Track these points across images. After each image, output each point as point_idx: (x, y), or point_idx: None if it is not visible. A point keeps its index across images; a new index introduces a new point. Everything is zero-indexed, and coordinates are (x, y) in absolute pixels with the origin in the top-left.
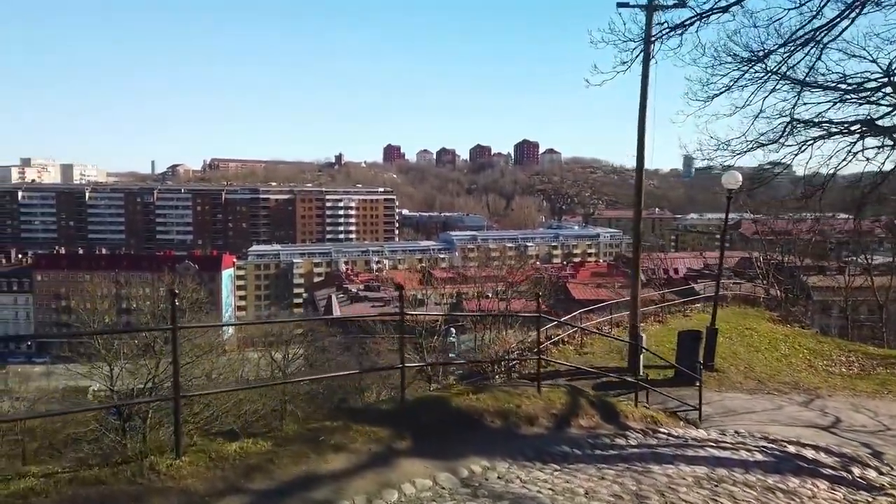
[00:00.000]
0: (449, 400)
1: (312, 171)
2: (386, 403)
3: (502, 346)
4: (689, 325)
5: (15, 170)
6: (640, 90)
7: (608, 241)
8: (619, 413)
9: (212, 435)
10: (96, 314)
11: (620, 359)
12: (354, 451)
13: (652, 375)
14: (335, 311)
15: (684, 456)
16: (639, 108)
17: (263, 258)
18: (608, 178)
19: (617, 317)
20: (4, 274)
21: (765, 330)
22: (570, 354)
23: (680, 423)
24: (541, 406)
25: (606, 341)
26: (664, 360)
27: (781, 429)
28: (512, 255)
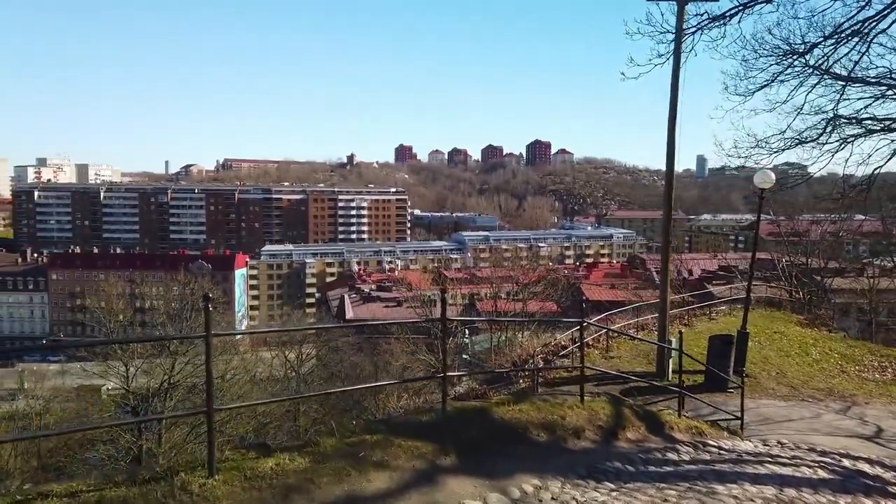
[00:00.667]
0: (490, 411)
1: (324, 171)
2: (425, 415)
3: (525, 349)
4: (715, 329)
5: (31, 169)
6: (671, 86)
7: (621, 242)
8: (664, 424)
9: (243, 449)
10: (111, 314)
11: (647, 363)
12: (397, 468)
13: (684, 380)
14: (348, 311)
15: (745, 474)
16: (669, 105)
17: (276, 258)
18: (621, 178)
19: (641, 320)
20: (20, 273)
21: (793, 334)
22: (595, 358)
23: (724, 433)
24: (585, 417)
25: (633, 345)
26: (696, 363)
27: (825, 439)
28: (524, 256)
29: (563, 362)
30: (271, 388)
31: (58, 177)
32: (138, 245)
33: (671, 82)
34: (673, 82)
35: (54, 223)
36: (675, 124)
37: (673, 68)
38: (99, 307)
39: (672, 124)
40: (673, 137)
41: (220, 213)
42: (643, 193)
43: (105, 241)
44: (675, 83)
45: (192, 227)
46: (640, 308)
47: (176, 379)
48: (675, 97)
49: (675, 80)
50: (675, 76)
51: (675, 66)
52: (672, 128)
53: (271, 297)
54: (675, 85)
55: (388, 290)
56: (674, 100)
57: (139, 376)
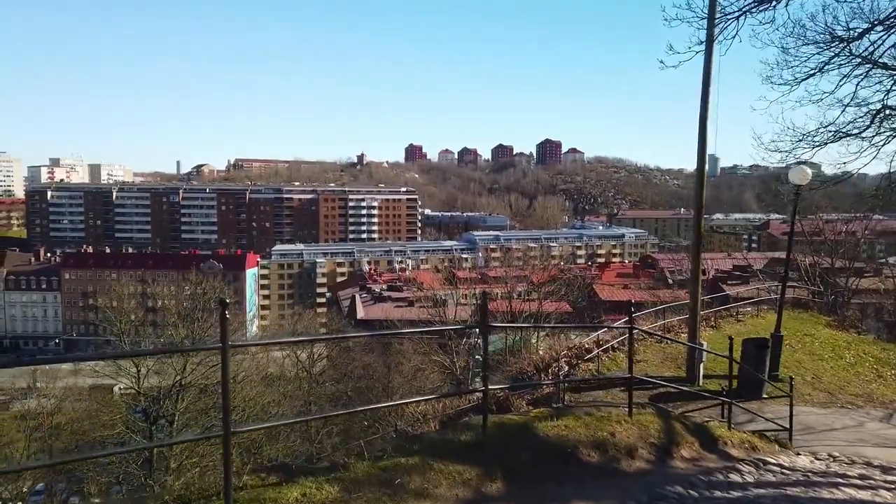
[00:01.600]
0: (534, 427)
1: (335, 170)
2: (463, 433)
3: (548, 352)
4: (743, 331)
5: (44, 170)
6: (703, 76)
7: (633, 242)
8: (717, 439)
9: (263, 472)
10: (123, 314)
11: (676, 367)
12: (439, 497)
13: (712, 386)
14: (359, 311)
15: (823, 500)
16: (700, 97)
17: (287, 258)
18: (632, 178)
19: (668, 321)
20: (33, 272)
21: (824, 336)
22: (621, 362)
23: (774, 446)
24: (636, 433)
25: (659, 348)
26: (727, 366)
27: (878, 452)
28: (536, 256)
29: (588, 366)
30: (283, 388)
31: (70, 177)
32: (150, 245)
33: (703, 72)
34: (705, 76)
35: (67, 223)
36: (706, 118)
37: (705, 59)
38: (110, 307)
39: (703, 117)
40: (704, 131)
41: (232, 213)
42: (654, 193)
43: (117, 240)
44: (708, 73)
45: (204, 227)
46: (664, 309)
47: (188, 379)
48: (707, 90)
49: (707, 70)
50: (706, 68)
51: (707, 55)
52: (703, 121)
53: (282, 296)
54: (706, 79)
55: (399, 289)
56: (705, 91)
57: (150, 376)
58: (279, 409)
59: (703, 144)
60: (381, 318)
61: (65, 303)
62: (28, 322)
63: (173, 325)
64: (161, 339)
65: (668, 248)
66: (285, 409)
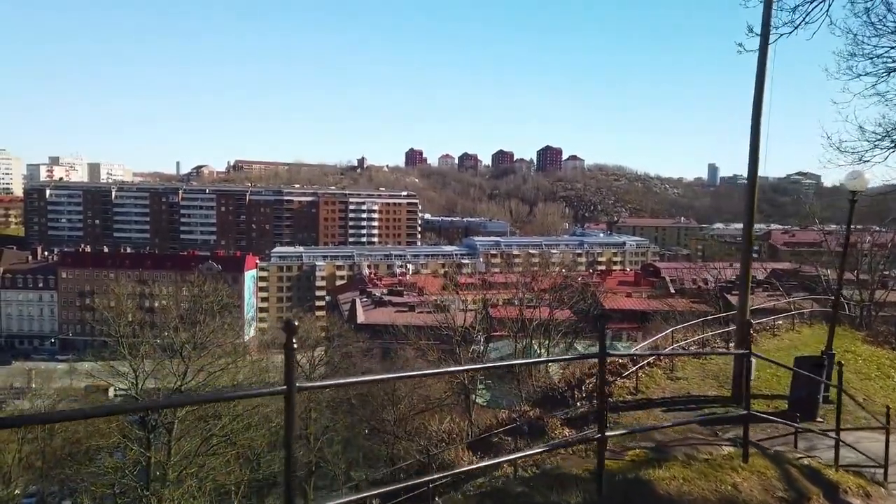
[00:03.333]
0: (648, 481)
1: (335, 173)
2: (573, 494)
3: (581, 367)
4: (782, 346)
5: (44, 168)
6: (756, 71)
7: (634, 250)
8: (836, 486)
9: None
10: (120, 315)
11: (719, 385)
12: None
13: (759, 407)
14: (359, 315)
15: None
16: (753, 93)
17: (286, 260)
18: (632, 185)
19: (691, 334)
20: (30, 271)
21: (866, 353)
22: (660, 379)
23: (880, 489)
24: (758, 485)
25: (698, 364)
26: (771, 386)
27: None
28: (537, 262)
29: (624, 384)
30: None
31: (70, 175)
32: (149, 245)
33: (756, 71)
34: (759, 70)
35: (65, 221)
36: (759, 117)
37: (759, 51)
38: (108, 307)
39: (756, 117)
40: (757, 133)
41: (231, 214)
42: (654, 201)
43: (116, 240)
44: (762, 71)
45: (203, 228)
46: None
47: (189, 385)
48: (762, 86)
49: (762, 67)
50: (761, 60)
51: (763, 48)
52: (756, 122)
53: (280, 299)
54: (760, 73)
55: (400, 294)
56: (759, 89)
57: (149, 372)
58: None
59: (755, 145)
60: (385, 322)
61: (61, 302)
62: (24, 321)
63: (174, 328)
64: (158, 340)
65: (669, 256)
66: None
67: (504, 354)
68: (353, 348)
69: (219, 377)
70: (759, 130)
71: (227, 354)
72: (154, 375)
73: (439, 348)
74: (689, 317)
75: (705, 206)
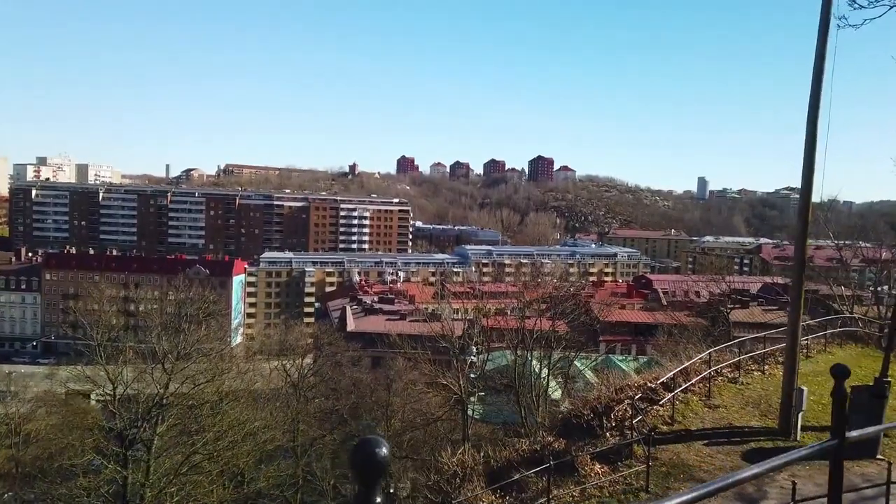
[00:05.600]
0: None
1: (326, 179)
2: None
3: (606, 391)
4: (818, 370)
5: (31, 168)
6: (814, 64)
7: (625, 261)
8: None
9: None
10: (98, 323)
11: (761, 414)
12: None
13: (809, 440)
14: (349, 323)
15: None
16: (810, 94)
17: (275, 265)
18: (623, 197)
19: (718, 355)
20: (13, 272)
21: None
22: (697, 407)
23: None
24: None
25: (736, 390)
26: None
27: None
28: (531, 272)
29: (658, 411)
30: (271, 406)
31: (57, 176)
32: (135, 248)
33: (814, 65)
34: (817, 63)
35: (51, 222)
36: (817, 112)
37: (818, 41)
38: (87, 311)
39: (812, 125)
40: (814, 131)
41: (220, 218)
42: (644, 213)
43: (102, 242)
44: (820, 64)
45: (191, 232)
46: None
47: (169, 399)
48: (819, 81)
49: (821, 57)
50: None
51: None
52: (812, 129)
53: (269, 304)
54: (818, 66)
55: (391, 301)
56: (816, 85)
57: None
58: (268, 434)
59: (811, 151)
60: (376, 330)
61: (45, 304)
62: (6, 323)
63: (157, 336)
64: (143, 344)
65: (660, 268)
66: (275, 434)
67: (500, 366)
68: (343, 357)
69: (204, 388)
70: (815, 135)
71: (212, 366)
72: (136, 382)
73: (433, 359)
74: (697, 333)
75: (695, 218)
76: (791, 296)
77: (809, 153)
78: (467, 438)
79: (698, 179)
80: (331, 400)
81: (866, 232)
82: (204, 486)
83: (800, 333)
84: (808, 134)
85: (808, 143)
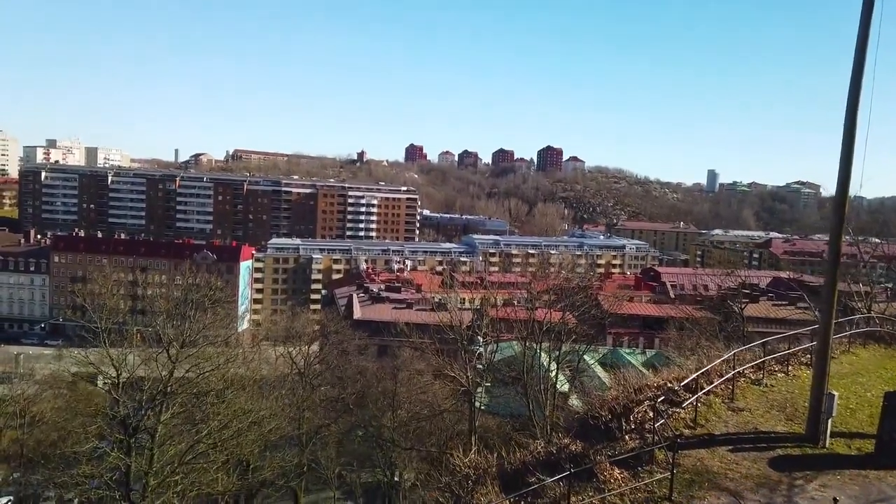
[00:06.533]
0: None
1: (334, 166)
2: None
3: (624, 391)
4: (844, 372)
5: (40, 150)
6: (855, 55)
7: (634, 253)
8: None
9: None
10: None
11: (786, 419)
12: None
13: (839, 448)
14: (356, 311)
15: None
16: (850, 84)
17: (282, 251)
18: (632, 189)
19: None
20: (22, 254)
21: None
22: (720, 410)
23: None
24: None
25: (759, 392)
26: (856, 425)
27: None
28: (541, 262)
29: (680, 415)
30: (276, 394)
31: (67, 159)
32: (144, 231)
33: (857, 42)
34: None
35: (60, 205)
36: (857, 103)
37: (860, 24)
38: (92, 295)
39: (854, 101)
40: (853, 123)
41: (228, 204)
42: (653, 205)
43: (111, 225)
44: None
45: (199, 217)
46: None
47: (173, 387)
48: (861, 63)
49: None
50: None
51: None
52: (853, 110)
53: (275, 291)
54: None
55: (398, 290)
56: (857, 71)
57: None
58: (273, 423)
59: (850, 136)
60: (383, 319)
61: (53, 286)
62: (14, 304)
63: (162, 322)
64: (150, 328)
65: (668, 261)
66: (280, 423)
67: (507, 357)
68: (350, 345)
69: (208, 378)
70: (854, 126)
71: (217, 354)
72: (141, 368)
73: (440, 349)
74: (708, 327)
75: (704, 211)
76: (823, 296)
77: (848, 145)
78: (474, 431)
79: (708, 172)
80: (336, 388)
81: (887, 227)
82: (209, 475)
83: (831, 336)
84: (846, 126)
85: (847, 135)
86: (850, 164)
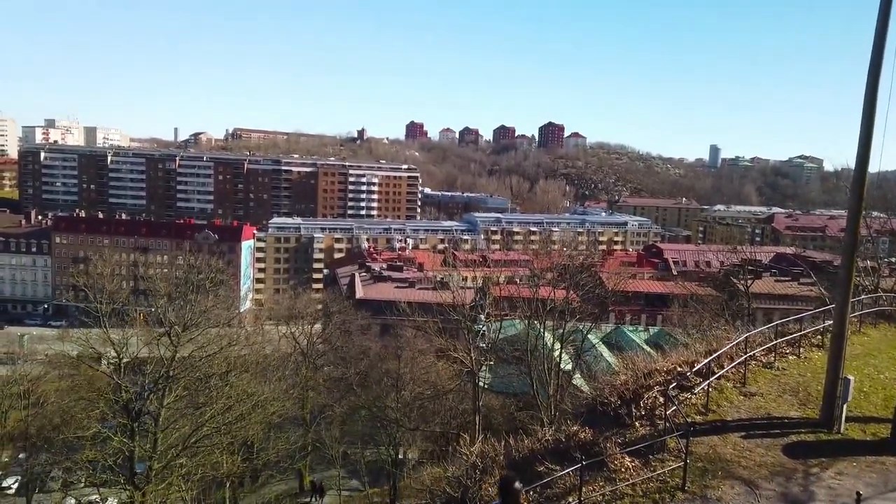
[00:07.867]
0: None
1: (334, 144)
2: None
3: (633, 375)
4: (857, 353)
5: (39, 130)
6: (877, 24)
7: (636, 230)
8: None
9: None
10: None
11: (800, 404)
12: None
13: (854, 434)
14: (358, 291)
15: None
16: (871, 56)
17: (284, 231)
18: (633, 164)
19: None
20: (23, 235)
21: None
22: (732, 395)
23: None
24: None
25: (771, 375)
26: (872, 409)
27: None
28: (542, 240)
29: (692, 400)
30: (280, 374)
31: (66, 139)
32: (144, 212)
33: (877, 18)
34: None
35: (60, 185)
36: (878, 77)
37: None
38: (91, 275)
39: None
40: (874, 97)
41: (229, 183)
42: (655, 181)
43: (111, 205)
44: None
45: (200, 196)
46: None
47: (175, 371)
48: (884, 33)
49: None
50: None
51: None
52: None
53: (277, 270)
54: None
55: (400, 269)
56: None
57: (136, 351)
58: (276, 406)
59: (870, 111)
60: (385, 298)
61: (55, 267)
62: (17, 285)
63: (163, 305)
64: (152, 308)
65: (670, 237)
66: (285, 405)
67: (509, 335)
68: (352, 325)
69: (210, 362)
70: (875, 101)
71: (220, 336)
72: (143, 352)
73: (443, 327)
74: (713, 305)
75: (706, 187)
76: (840, 278)
77: (868, 121)
78: (478, 410)
79: (710, 147)
80: (340, 368)
81: (892, 202)
82: (213, 457)
83: (848, 318)
84: (866, 100)
85: (867, 110)
86: (870, 142)
